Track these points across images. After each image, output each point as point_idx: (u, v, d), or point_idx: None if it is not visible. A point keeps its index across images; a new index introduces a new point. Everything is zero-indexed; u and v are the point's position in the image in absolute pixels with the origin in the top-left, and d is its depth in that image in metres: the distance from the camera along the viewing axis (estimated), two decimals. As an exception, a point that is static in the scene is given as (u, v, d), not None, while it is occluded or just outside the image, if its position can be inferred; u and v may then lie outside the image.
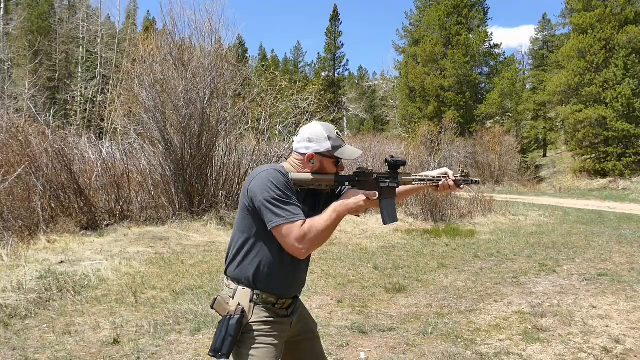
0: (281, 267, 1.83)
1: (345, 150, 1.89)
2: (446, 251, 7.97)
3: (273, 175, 1.76)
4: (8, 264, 5.87)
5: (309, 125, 1.92)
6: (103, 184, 9.48)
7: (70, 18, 38.32)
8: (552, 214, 13.78)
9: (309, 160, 1.87)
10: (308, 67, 59.38)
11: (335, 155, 1.87)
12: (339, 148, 1.88)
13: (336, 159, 1.89)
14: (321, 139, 1.86)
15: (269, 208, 1.72)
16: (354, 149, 1.93)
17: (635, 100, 25.87)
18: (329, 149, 1.86)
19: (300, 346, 1.99)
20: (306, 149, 1.87)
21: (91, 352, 3.61)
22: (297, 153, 1.90)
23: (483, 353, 3.65)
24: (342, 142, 1.91)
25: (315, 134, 1.87)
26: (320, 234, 1.72)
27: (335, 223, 1.75)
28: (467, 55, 36.31)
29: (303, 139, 1.88)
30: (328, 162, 1.88)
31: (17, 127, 9.06)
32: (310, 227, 1.71)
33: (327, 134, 1.87)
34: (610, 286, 5.63)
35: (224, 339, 1.73)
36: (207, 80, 10.15)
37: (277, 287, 1.83)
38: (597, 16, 27.82)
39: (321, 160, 1.87)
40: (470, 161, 31.07)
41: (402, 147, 16.00)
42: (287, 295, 1.89)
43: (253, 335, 1.78)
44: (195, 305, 4.65)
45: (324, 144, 1.86)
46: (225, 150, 10.98)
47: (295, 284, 1.92)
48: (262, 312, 1.81)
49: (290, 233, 1.70)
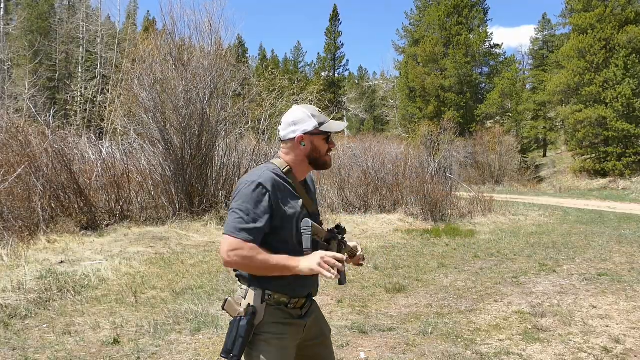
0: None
1: (332, 124, 1.89)
2: (446, 251, 7.97)
3: (252, 190, 1.73)
4: (8, 264, 5.87)
5: (290, 110, 1.90)
6: (103, 184, 9.48)
7: (70, 18, 38.33)
8: (552, 214, 13.78)
9: (299, 143, 1.84)
10: (308, 67, 59.47)
11: (323, 130, 1.85)
12: (324, 123, 1.86)
13: (325, 134, 1.87)
14: (306, 119, 1.84)
15: (230, 216, 1.74)
16: (340, 122, 1.94)
17: (635, 100, 25.87)
18: (316, 125, 1.84)
19: (313, 351, 1.96)
20: (293, 133, 1.84)
21: (91, 352, 3.61)
22: (285, 141, 1.88)
23: (483, 353, 3.65)
24: (326, 117, 1.90)
25: (299, 116, 1.85)
26: (253, 265, 1.70)
27: (273, 270, 1.71)
28: (468, 55, 36.34)
29: (288, 124, 1.86)
30: (319, 140, 1.86)
31: (17, 127, 9.07)
32: (251, 253, 1.68)
33: (309, 112, 1.86)
34: (610, 286, 5.63)
35: (234, 340, 1.70)
36: (207, 81, 10.16)
37: (288, 286, 1.80)
38: (597, 16, 27.82)
39: (311, 140, 1.85)
40: (470, 161, 31.11)
41: (402, 147, 16.00)
42: (300, 294, 1.86)
43: (264, 337, 1.76)
44: (195, 305, 4.65)
45: (309, 122, 1.84)
46: (225, 150, 10.98)
47: (307, 282, 1.89)
48: (275, 314, 1.79)
49: (228, 245, 1.69)
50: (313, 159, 1.88)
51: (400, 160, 13.20)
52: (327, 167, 1.95)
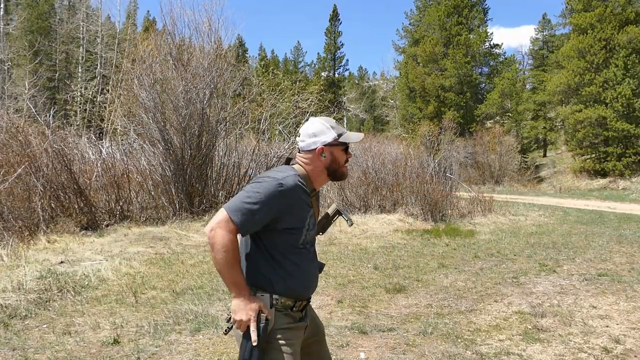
0: (299, 267, 1.82)
1: (350, 135, 1.94)
2: (446, 251, 7.97)
3: (272, 185, 1.74)
4: (8, 264, 5.87)
5: (309, 122, 1.94)
6: (103, 184, 9.48)
7: (70, 18, 38.33)
8: (552, 214, 13.77)
9: (320, 155, 1.88)
10: (308, 67, 59.49)
11: (342, 141, 1.90)
12: (343, 134, 1.92)
13: (344, 144, 1.92)
14: (325, 131, 1.89)
15: (239, 195, 1.74)
16: (357, 133, 2.00)
17: (635, 100, 25.87)
18: (335, 137, 1.89)
19: (311, 349, 1.99)
20: (314, 144, 1.88)
21: (91, 352, 3.61)
22: (305, 152, 1.91)
23: (483, 353, 3.64)
24: (343, 128, 1.95)
25: (318, 128, 1.90)
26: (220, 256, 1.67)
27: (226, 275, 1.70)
28: (468, 55, 36.33)
29: (308, 135, 1.90)
30: (338, 151, 1.91)
31: (17, 127, 9.07)
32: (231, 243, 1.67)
33: (328, 124, 1.91)
34: (610, 286, 5.62)
35: (251, 350, 1.69)
36: (207, 80, 10.16)
37: (297, 288, 1.82)
38: (597, 16, 27.82)
39: (331, 151, 1.90)
40: (470, 161, 31.11)
41: (402, 147, 16.00)
42: (306, 295, 1.88)
43: (275, 345, 1.76)
44: (195, 306, 4.65)
45: (329, 134, 1.89)
46: (225, 151, 10.98)
47: (313, 284, 1.92)
48: (282, 319, 1.80)
49: (220, 219, 1.68)
50: (332, 170, 1.92)
51: (400, 160, 13.20)
52: (344, 178, 1.99)
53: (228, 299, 4.97)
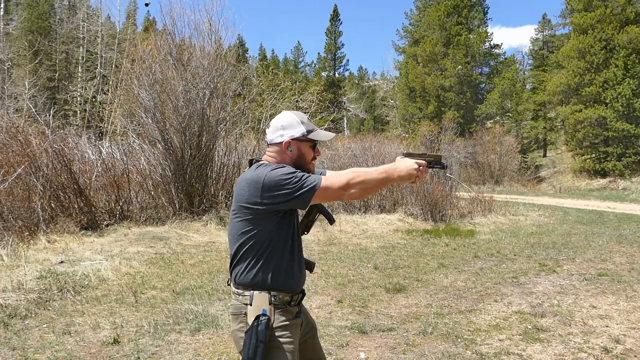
0: (293, 260, 1.85)
1: (319, 133, 1.93)
2: (446, 251, 7.97)
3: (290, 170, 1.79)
4: (8, 264, 5.87)
5: (280, 115, 1.94)
6: (103, 184, 9.48)
7: (70, 18, 38.32)
8: (552, 214, 13.78)
9: (286, 148, 1.88)
10: (308, 67, 59.48)
11: (310, 137, 1.89)
12: (312, 131, 1.90)
13: (312, 142, 1.91)
14: (295, 125, 1.88)
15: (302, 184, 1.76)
16: (327, 132, 1.99)
17: (635, 100, 25.88)
18: (304, 132, 1.88)
19: (306, 344, 2.00)
20: (281, 137, 1.88)
21: (91, 352, 3.61)
22: (272, 144, 1.91)
23: (483, 353, 3.64)
24: (314, 125, 1.94)
25: (288, 121, 1.89)
26: (365, 182, 1.78)
27: (382, 182, 1.82)
28: (468, 55, 36.32)
29: (276, 128, 1.89)
30: (305, 147, 1.90)
31: (17, 127, 9.07)
32: (355, 175, 1.79)
33: (299, 119, 1.90)
34: (610, 286, 5.62)
35: (255, 347, 1.69)
36: (207, 80, 10.16)
37: (293, 281, 1.85)
38: (598, 16, 27.83)
39: (298, 146, 1.89)
40: (470, 161, 31.10)
41: (402, 147, 15.99)
42: (300, 287, 1.91)
43: (276, 343, 1.76)
44: (195, 305, 4.65)
45: (298, 128, 1.88)
46: (225, 150, 10.98)
47: (303, 275, 1.94)
48: (281, 316, 1.80)
49: (332, 183, 1.77)
50: (298, 165, 1.89)
51: (400, 160, 13.16)
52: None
53: (228, 299, 4.97)
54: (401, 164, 1.85)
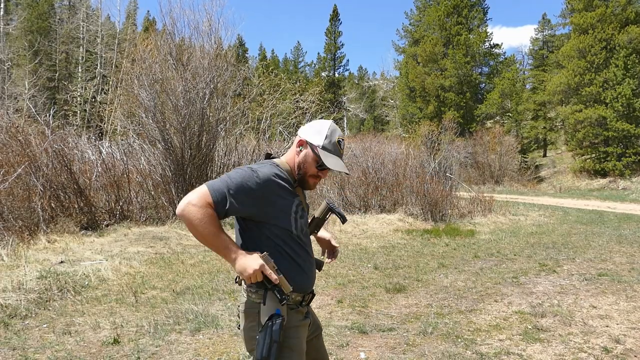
0: (304, 260, 1.83)
1: (331, 158, 1.79)
2: (446, 251, 7.97)
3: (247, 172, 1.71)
4: (8, 264, 5.87)
5: (322, 120, 1.90)
6: (103, 184, 9.48)
7: (70, 18, 38.33)
8: (552, 214, 13.77)
9: (298, 147, 1.83)
10: (308, 67, 59.49)
11: (318, 154, 1.79)
12: (328, 152, 1.80)
13: (319, 159, 1.79)
14: (321, 132, 1.81)
15: (222, 177, 1.71)
16: (340, 162, 1.84)
17: (635, 100, 25.87)
18: (319, 145, 1.79)
19: (311, 344, 2.00)
20: (302, 135, 1.84)
21: (91, 352, 3.61)
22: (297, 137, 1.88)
23: (483, 353, 3.64)
24: (336, 150, 1.82)
25: (319, 128, 1.83)
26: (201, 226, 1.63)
27: (213, 243, 1.67)
28: (467, 55, 36.31)
29: (309, 126, 1.87)
30: (310, 159, 1.81)
31: (17, 127, 9.07)
32: (209, 216, 1.62)
33: (328, 132, 1.81)
34: (610, 286, 5.62)
35: (269, 346, 1.66)
36: (207, 80, 10.16)
37: (302, 281, 1.82)
38: (598, 16, 27.83)
39: (306, 153, 1.81)
40: (470, 161, 31.11)
41: (402, 147, 16.00)
42: (310, 287, 1.88)
43: (288, 343, 1.75)
44: (195, 305, 4.64)
45: (319, 137, 1.80)
46: (225, 150, 10.98)
47: (313, 274, 1.91)
48: (292, 317, 1.79)
49: (198, 195, 1.64)
50: (300, 172, 1.83)
51: (400, 160, 13.20)
52: (307, 189, 1.90)
53: (228, 299, 4.97)
54: (247, 259, 1.66)
